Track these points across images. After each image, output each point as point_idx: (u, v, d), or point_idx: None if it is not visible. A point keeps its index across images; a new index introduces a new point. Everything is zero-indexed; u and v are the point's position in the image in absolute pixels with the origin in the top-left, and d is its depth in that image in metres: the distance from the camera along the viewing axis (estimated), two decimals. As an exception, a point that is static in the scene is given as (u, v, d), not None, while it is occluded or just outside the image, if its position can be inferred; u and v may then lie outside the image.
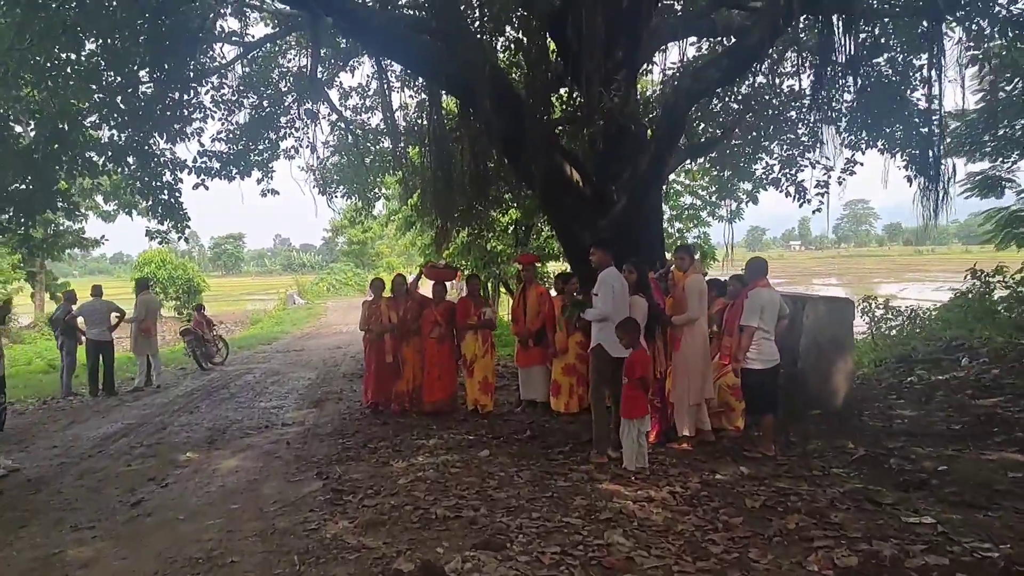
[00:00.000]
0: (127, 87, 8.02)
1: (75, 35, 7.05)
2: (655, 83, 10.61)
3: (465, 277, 10.75)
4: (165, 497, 4.90)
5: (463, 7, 7.05)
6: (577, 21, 6.10)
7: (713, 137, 9.68)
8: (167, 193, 9.18)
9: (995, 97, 10.57)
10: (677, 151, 7.71)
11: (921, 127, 7.97)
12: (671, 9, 9.03)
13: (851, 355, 7.07)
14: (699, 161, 11.36)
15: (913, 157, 8.22)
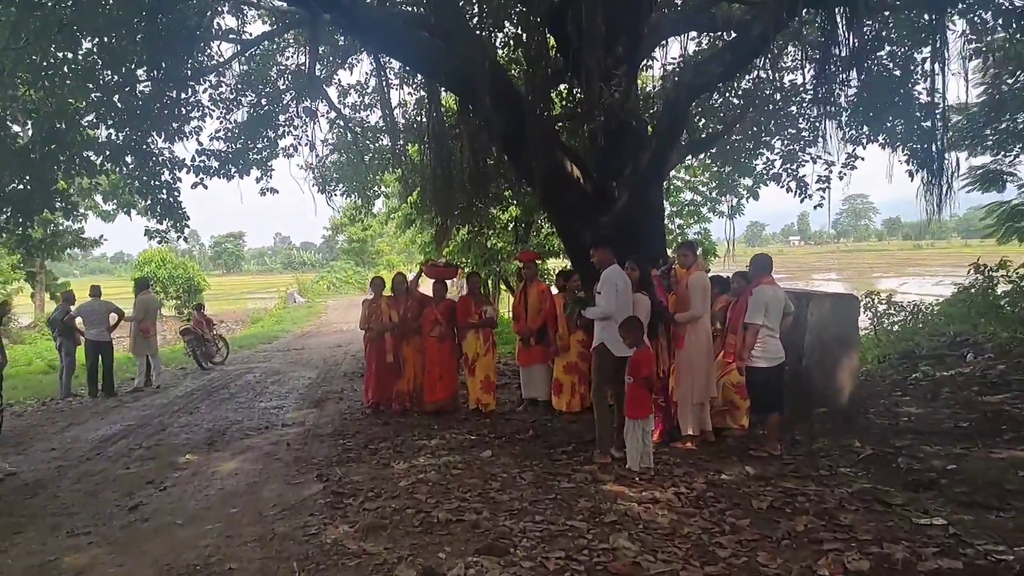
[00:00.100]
0: (124, 86, 7.95)
1: (71, 34, 6.98)
2: (656, 78, 10.51)
3: (465, 275, 10.68)
4: (163, 501, 4.84)
5: (462, 3, 6.98)
6: (577, 16, 6.01)
7: (714, 132, 9.60)
8: (166, 192, 9.12)
9: (998, 90, 10.50)
10: (678, 147, 7.63)
11: (923, 121, 7.90)
12: (672, 4, 8.92)
13: (856, 352, 6.99)
14: (700, 157, 11.28)
15: (915, 151, 8.15)
